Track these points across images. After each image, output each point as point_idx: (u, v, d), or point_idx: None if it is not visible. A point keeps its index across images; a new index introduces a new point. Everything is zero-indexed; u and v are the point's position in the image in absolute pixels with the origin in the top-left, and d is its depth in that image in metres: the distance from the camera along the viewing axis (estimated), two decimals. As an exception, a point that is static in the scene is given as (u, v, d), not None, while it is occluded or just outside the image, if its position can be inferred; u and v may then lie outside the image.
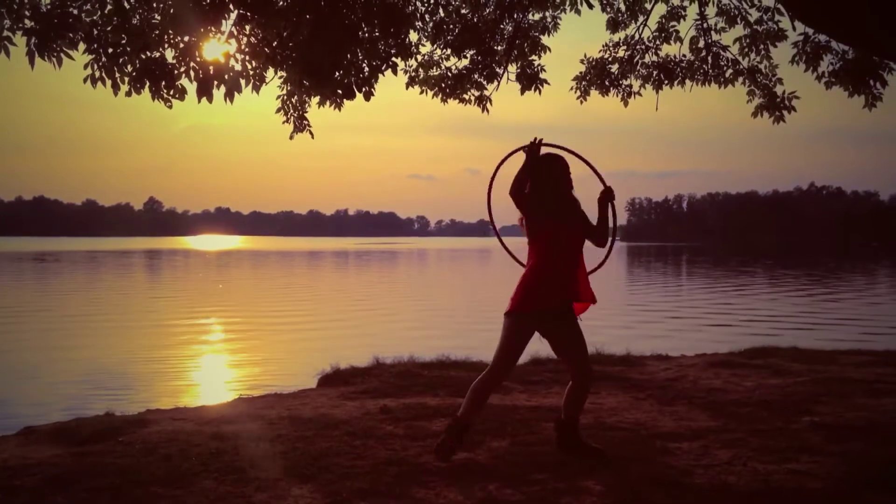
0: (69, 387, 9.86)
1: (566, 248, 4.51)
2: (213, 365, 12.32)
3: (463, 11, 7.84)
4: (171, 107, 5.08)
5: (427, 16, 7.50)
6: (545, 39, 8.26)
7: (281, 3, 5.37)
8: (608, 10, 8.45)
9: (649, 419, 5.57)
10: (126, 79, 4.90)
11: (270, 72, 5.76)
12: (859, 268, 50.55)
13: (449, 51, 7.83)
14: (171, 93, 5.02)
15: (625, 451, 4.65)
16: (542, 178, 4.55)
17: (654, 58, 8.51)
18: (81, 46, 4.70)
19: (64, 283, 32.24)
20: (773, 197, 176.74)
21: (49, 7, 4.52)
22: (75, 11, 4.60)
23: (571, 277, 4.53)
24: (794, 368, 7.61)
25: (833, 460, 4.43)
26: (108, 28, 4.75)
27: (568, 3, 8.31)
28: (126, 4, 4.64)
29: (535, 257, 4.52)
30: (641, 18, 8.44)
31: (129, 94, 4.97)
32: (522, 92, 8.09)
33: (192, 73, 4.94)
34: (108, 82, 4.80)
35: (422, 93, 8.04)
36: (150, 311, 20.37)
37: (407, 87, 7.99)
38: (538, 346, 9.50)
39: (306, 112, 6.77)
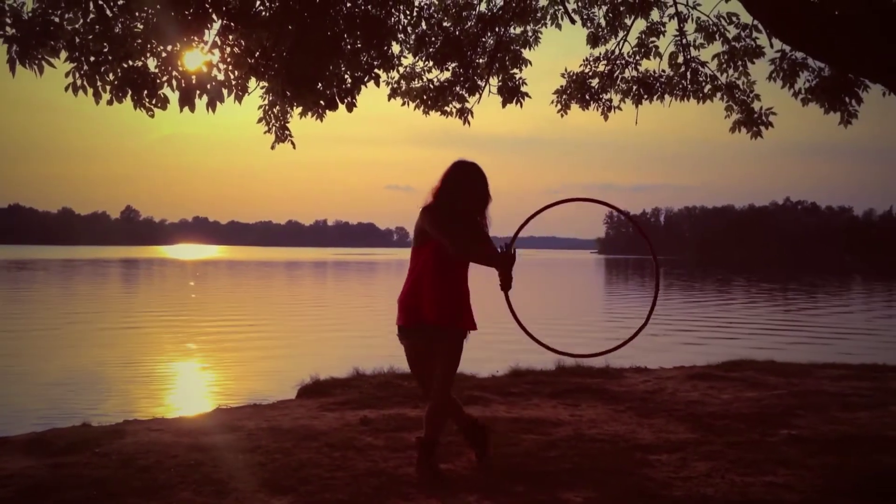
0: (44, 397, 9.72)
1: (437, 267, 4.35)
2: (192, 375, 12.22)
3: (445, 24, 7.89)
4: (152, 116, 5.06)
5: (409, 28, 7.55)
6: (526, 53, 8.34)
7: (264, 13, 5.39)
8: (588, 25, 8.54)
9: (628, 431, 5.59)
10: (108, 87, 4.88)
11: (253, 82, 5.76)
12: (834, 282, 51.09)
13: (431, 63, 7.87)
14: (154, 102, 5.01)
15: (604, 464, 4.66)
16: (448, 190, 4.37)
17: (634, 73, 8.60)
18: (63, 54, 4.68)
19: (40, 292, 31.85)
20: (749, 211, 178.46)
21: (31, 15, 4.50)
22: (57, 19, 4.58)
23: (435, 298, 4.34)
24: (770, 381, 7.68)
25: (810, 473, 4.48)
26: (90, 36, 4.73)
27: (549, 17, 8.41)
28: (108, 13, 4.62)
29: (414, 270, 4.46)
30: (621, 34, 8.54)
31: (110, 102, 4.95)
32: (504, 105, 8.13)
33: (174, 83, 4.93)
34: (90, 91, 4.77)
35: (404, 104, 8.06)
36: (127, 321, 20.16)
37: (389, 99, 8.02)
38: (518, 357, 9.55)
39: (288, 122, 6.76)
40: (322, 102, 6.16)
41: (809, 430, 5.56)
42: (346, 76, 6.22)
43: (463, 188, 4.38)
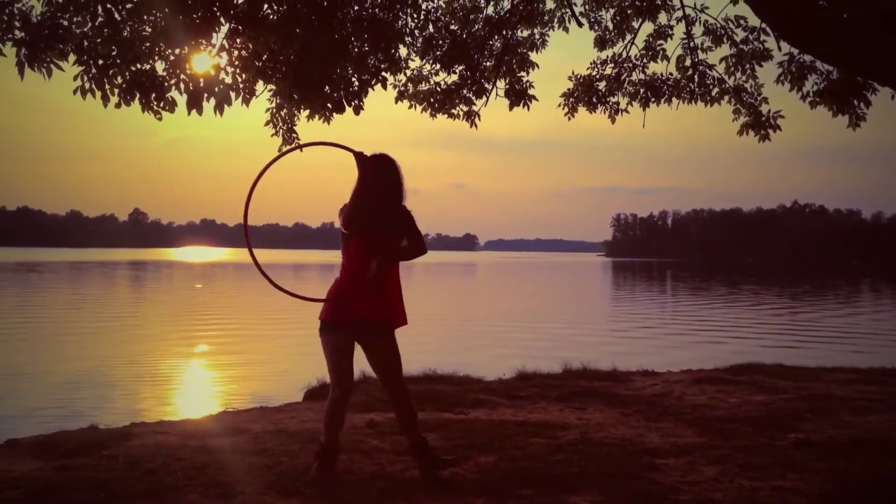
0: (52, 398, 9.75)
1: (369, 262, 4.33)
2: (198, 377, 12.23)
3: (452, 27, 7.90)
4: (160, 119, 5.07)
5: (416, 31, 7.55)
6: (533, 56, 8.33)
7: (271, 16, 5.39)
8: (596, 28, 8.53)
9: (636, 435, 5.57)
10: (116, 90, 4.89)
11: (260, 85, 5.78)
12: (842, 285, 50.91)
13: (438, 66, 7.88)
14: (161, 105, 5.02)
15: (611, 467, 4.65)
16: (361, 184, 4.37)
17: (641, 76, 8.59)
18: (71, 58, 4.69)
19: (49, 294, 31.97)
20: (756, 214, 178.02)
21: (39, 18, 4.51)
22: (66, 23, 4.59)
23: (373, 294, 4.31)
24: (778, 385, 7.65)
25: (818, 477, 4.45)
26: (99, 40, 4.74)
27: (556, 20, 8.40)
28: (117, 16, 4.62)
29: (342, 268, 4.45)
30: (629, 37, 8.53)
31: (118, 105, 4.97)
32: (511, 107, 8.13)
33: (182, 86, 4.94)
34: (98, 94, 4.79)
35: (411, 107, 8.06)
36: (135, 323, 20.21)
37: (396, 102, 8.03)
38: (523, 361, 9.52)
39: (295, 125, 6.78)
40: (329, 105, 6.18)
41: (818, 434, 5.54)
42: (354, 79, 6.23)
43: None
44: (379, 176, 4.40)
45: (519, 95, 8.13)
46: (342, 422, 4.46)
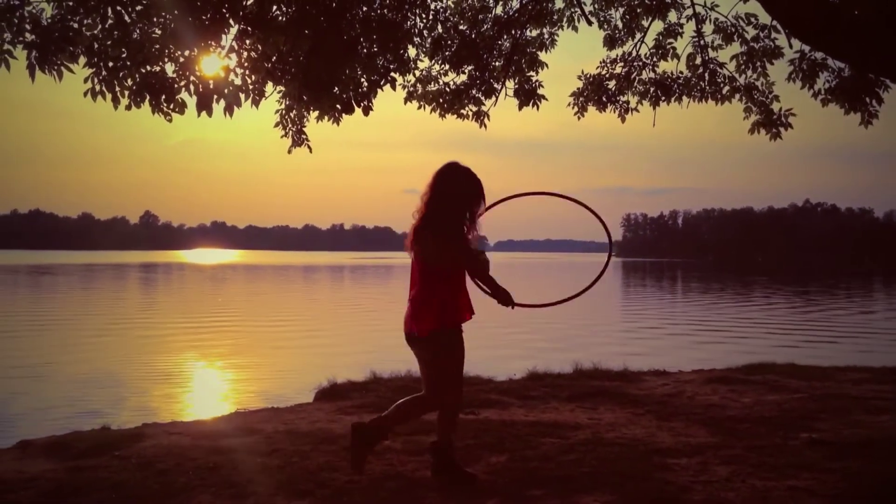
0: (64, 399, 9.80)
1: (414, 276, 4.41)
2: (210, 378, 12.26)
3: (461, 27, 7.89)
4: (170, 120, 5.09)
5: (425, 31, 7.55)
6: (543, 56, 8.32)
7: (281, 18, 5.40)
8: (605, 27, 8.51)
9: (647, 435, 5.55)
10: (126, 92, 4.91)
11: (270, 86, 5.78)
12: (854, 284, 50.61)
13: (447, 66, 7.87)
14: (171, 107, 5.03)
15: (623, 467, 4.63)
16: (436, 199, 4.32)
17: (652, 74, 8.55)
18: (82, 60, 4.71)
19: (61, 296, 32.14)
20: (768, 214, 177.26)
21: (50, 21, 4.53)
22: (76, 25, 4.61)
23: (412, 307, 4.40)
24: (791, 385, 7.61)
25: (832, 477, 4.42)
26: (109, 42, 4.76)
27: (565, 19, 8.38)
28: (127, 19, 4.64)
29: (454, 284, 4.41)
30: (638, 35, 8.50)
31: (129, 107, 4.98)
32: (520, 107, 8.12)
33: (191, 87, 4.95)
34: (109, 96, 4.80)
35: (420, 108, 8.06)
36: (146, 325, 20.29)
37: (405, 102, 8.02)
38: (535, 362, 9.50)
39: (305, 126, 6.79)
40: (339, 106, 6.18)
41: (831, 433, 5.50)
42: (363, 80, 6.24)
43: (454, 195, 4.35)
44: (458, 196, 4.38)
45: (528, 95, 8.11)
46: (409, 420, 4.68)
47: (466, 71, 7.96)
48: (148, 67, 4.97)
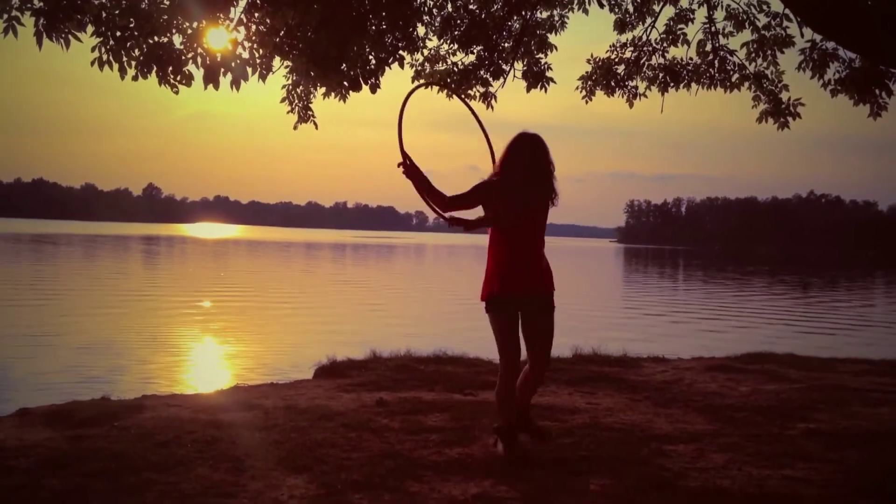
0: (65, 369, 9.84)
1: (531, 236, 4.53)
2: (210, 352, 12.32)
3: (471, 7, 7.84)
4: (177, 92, 5.06)
5: (435, 10, 7.51)
6: (552, 38, 8.27)
7: (290, -9, 5.36)
8: (616, 10, 8.44)
9: (645, 421, 5.57)
10: (133, 63, 4.88)
11: (277, 61, 5.75)
12: (856, 276, 50.61)
13: (456, 46, 7.83)
14: (178, 78, 5.01)
15: (620, 452, 4.64)
16: (507, 161, 4.49)
17: (661, 60, 8.51)
18: (89, 29, 4.68)
19: (64, 266, 32.21)
20: (772, 203, 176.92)
21: (58, -12, 4.50)
22: (84, -7, 4.58)
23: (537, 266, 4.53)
24: (790, 375, 7.61)
25: (829, 468, 4.43)
26: (117, 11, 4.73)
27: (576, 1, 8.32)
28: (135, -12, 4.62)
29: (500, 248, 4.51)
30: (649, 20, 8.44)
31: (135, 78, 4.96)
32: (528, 90, 8.08)
33: (199, 60, 4.92)
34: (116, 66, 4.78)
35: (427, 87, 8.01)
36: (147, 298, 20.34)
37: (413, 81, 7.98)
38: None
39: (311, 103, 6.76)
40: (346, 83, 6.16)
41: (829, 424, 5.51)
42: (371, 57, 6.21)
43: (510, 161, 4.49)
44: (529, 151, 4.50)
45: (536, 77, 8.07)
46: (514, 400, 4.58)
47: (475, 51, 7.92)
48: (155, 38, 4.94)
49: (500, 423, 4.57)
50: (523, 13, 8.08)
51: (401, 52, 6.43)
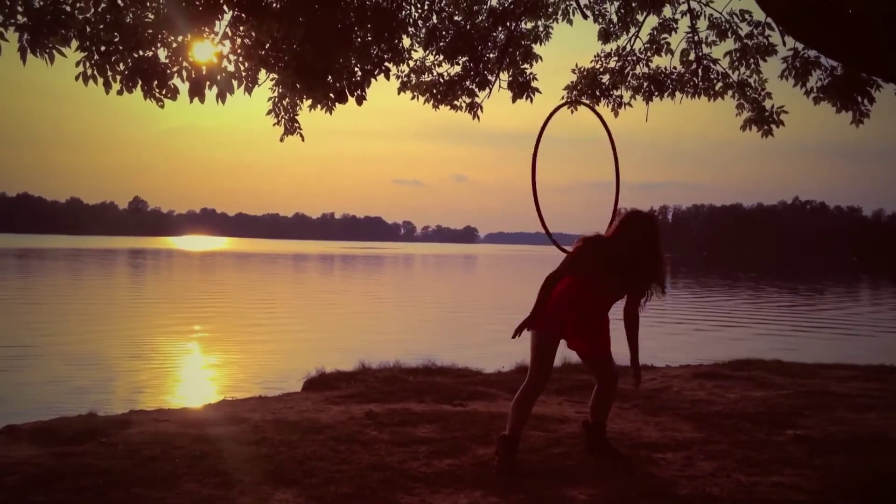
0: (51, 385, 9.76)
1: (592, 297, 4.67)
2: (198, 366, 12.25)
3: (456, 18, 7.87)
4: (162, 106, 5.05)
5: (420, 21, 7.53)
6: (537, 48, 8.29)
7: (275, 4, 5.37)
8: (600, 21, 8.49)
9: (634, 429, 5.58)
10: (118, 77, 4.87)
11: (263, 73, 5.75)
12: (841, 283, 50.91)
13: (441, 57, 7.85)
14: (164, 92, 5.00)
15: (610, 461, 4.65)
16: (617, 235, 4.64)
17: (645, 69, 8.55)
18: (74, 44, 4.67)
19: (49, 281, 31.98)
20: (757, 210, 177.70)
21: (42, 4, 4.49)
22: (68, 8, 4.57)
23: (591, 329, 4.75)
24: (777, 381, 7.65)
25: (817, 474, 4.45)
26: (101, 26, 4.72)
27: (560, 12, 8.36)
28: (120, 3, 4.62)
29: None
30: (633, 30, 8.48)
31: (120, 92, 4.95)
32: (514, 100, 8.10)
33: (184, 73, 4.92)
34: (100, 80, 4.77)
35: (413, 98, 8.04)
36: (134, 311, 20.22)
37: (399, 93, 8.01)
38: (523, 355, 9.50)
39: (297, 115, 6.76)
40: (332, 95, 6.16)
41: (816, 430, 5.54)
42: (357, 69, 6.21)
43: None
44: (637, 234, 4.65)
45: (522, 88, 8.10)
46: (528, 416, 4.71)
47: (460, 62, 7.94)
48: (140, 52, 4.93)
49: (507, 431, 4.57)
50: (508, 24, 8.11)
51: (386, 63, 6.43)
